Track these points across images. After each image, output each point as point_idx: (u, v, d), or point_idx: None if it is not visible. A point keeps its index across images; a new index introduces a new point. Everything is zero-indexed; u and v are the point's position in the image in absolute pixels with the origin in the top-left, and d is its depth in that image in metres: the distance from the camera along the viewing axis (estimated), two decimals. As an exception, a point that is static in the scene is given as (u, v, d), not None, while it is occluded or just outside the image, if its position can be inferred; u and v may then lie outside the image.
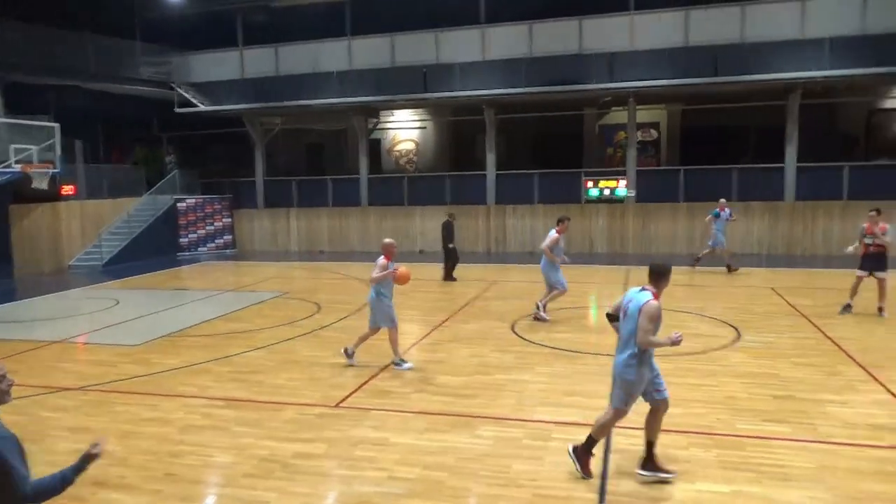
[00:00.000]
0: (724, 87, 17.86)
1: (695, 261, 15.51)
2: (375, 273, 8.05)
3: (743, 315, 10.77)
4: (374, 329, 8.35)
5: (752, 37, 16.89)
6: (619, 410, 5.19)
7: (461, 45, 19.32)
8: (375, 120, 23.13)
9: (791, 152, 17.97)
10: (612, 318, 5.34)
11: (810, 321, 10.29)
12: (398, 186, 21.69)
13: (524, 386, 7.48)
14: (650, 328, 4.84)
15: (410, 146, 24.83)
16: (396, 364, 8.22)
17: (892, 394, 6.97)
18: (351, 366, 8.29)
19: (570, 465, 5.27)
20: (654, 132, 22.75)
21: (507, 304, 12.02)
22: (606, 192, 19.57)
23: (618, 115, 21.33)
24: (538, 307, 10.62)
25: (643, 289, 5.03)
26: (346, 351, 8.44)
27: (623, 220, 19.36)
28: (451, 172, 21.97)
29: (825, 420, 6.28)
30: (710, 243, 15.35)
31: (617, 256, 18.55)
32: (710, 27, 17.24)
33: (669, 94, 19.24)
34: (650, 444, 5.19)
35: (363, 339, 8.46)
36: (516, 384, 7.55)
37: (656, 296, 4.96)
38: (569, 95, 19.17)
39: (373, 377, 7.90)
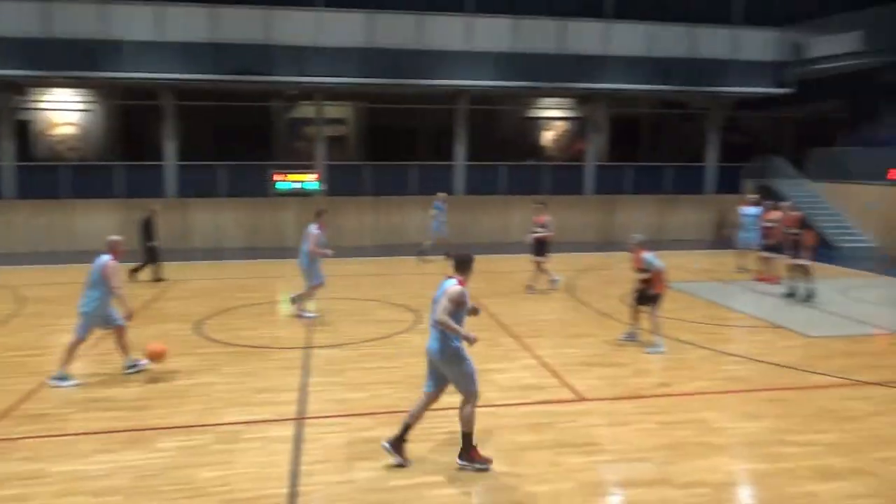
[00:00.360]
0: (403, 89, 19.17)
1: (419, 253, 16.63)
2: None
3: (420, 299, 11.69)
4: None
5: (429, 44, 18.42)
6: (471, 393, 5.30)
7: (134, 21, 17.41)
8: (23, 98, 19.67)
9: (460, 151, 20.09)
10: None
11: (477, 301, 11.61)
12: (55, 176, 18.76)
13: (210, 389, 7.10)
14: (448, 307, 5.12)
15: (71, 130, 21.67)
16: (131, 366, 7.50)
17: (538, 358, 8.27)
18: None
19: (262, 463, 5.19)
20: (342, 127, 23.44)
21: (189, 305, 11.27)
22: (297, 185, 19.56)
23: (307, 109, 21.46)
24: (293, 301, 10.35)
25: (450, 277, 5.38)
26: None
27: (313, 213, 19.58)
28: (123, 162, 19.75)
29: (488, 387, 7.14)
30: (433, 234, 16.64)
31: (308, 250, 18.70)
32: (392, 32, 18.32)
33: (355, 91, 19.99)
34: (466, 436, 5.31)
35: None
36: (201, 388, 7.12)
37: (462, 283, 5.32)
38: (255, 86, 18.67)
39: (22, 401, 6.73)
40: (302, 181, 19.55)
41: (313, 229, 10.31)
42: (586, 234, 20.59)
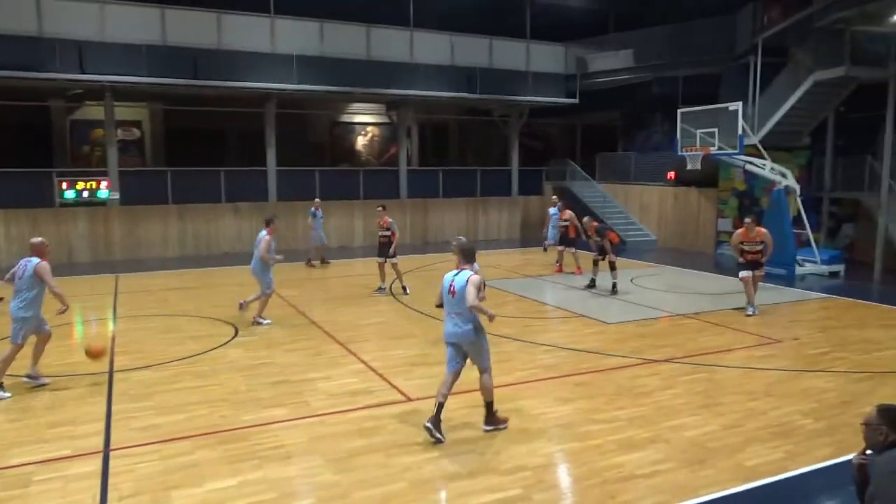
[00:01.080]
0: (204, 91, 18.09)
1: (308, 261, 16.27)
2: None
3: (236, 312, 11.15)
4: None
5: (229, 44, 17.53)
6: (489, 366, 6.14)
7: None
8: None
9: (271, 156, 19.42)
10: (441, 305, 6.19)
11: (297, 310, 11.35)
12: None
13: (-9, 429, 6.16)
14: (474, 293, 5.72)
15: None
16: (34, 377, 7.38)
17: (364, 362, 8.25)
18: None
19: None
20: (136, 131, 21.59)
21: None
22: (86, 194, 17.62)
23: (94, 111, 19.42)
24: (241, 307, 10.34)
25: (461, 270, 6.01)
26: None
27: (107, 224, 17.79)
28: None
29: (315, 396, 7.02)
30: (313, 242, 16.30)
31: (102, 264, 16.92)
32: (188, 29, 17.18)
33: (149, 91, 18.48)
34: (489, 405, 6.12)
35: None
36: (-22, 429, 6.15)
37: (476, 271, 6.02)
38: (25, 83, 16.45)
39: None
40: (92, 189, 17.65)
41: (264, 235, 10.28)
42: (403, 237, 20.94)
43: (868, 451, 3.50)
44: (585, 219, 13.72)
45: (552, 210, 16.19)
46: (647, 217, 21.91)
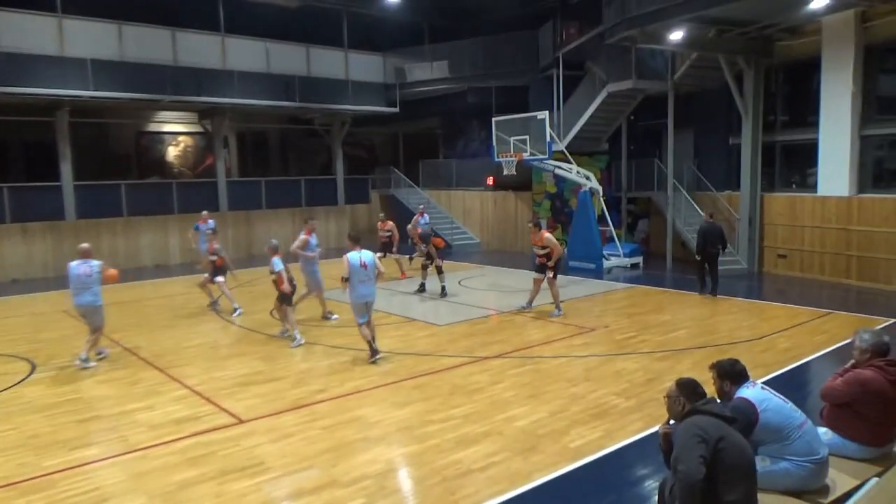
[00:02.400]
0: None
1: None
2: None
3: (33, 345, 9.93)
4: None
5: (8, 46, 15.53)
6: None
7: None
8: None
9: (67, 170, 17.50)
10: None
11: (108, 337, 10.31)
12: None
13: None
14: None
15: None
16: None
17: (188, 387, 7.71)
18: None
19: None
20: None
21: None
22: None
23: None
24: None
25: (360, 250, 8.82)
26: None
27: None
28: None
29: (134, 429, 6.43)
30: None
31: None
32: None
33: None
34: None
35: None
36: None
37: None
38: None
39: None
40: None
41: (302, 235, 11.22)
42: (226, 251, 19.96)
43: (671, 422, 3.91)
44: (408, 226, 14.00)
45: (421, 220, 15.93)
46: (471, 221, 22.84)
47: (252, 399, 7.25)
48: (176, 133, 23.24)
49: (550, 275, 11.17)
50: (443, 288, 13.16)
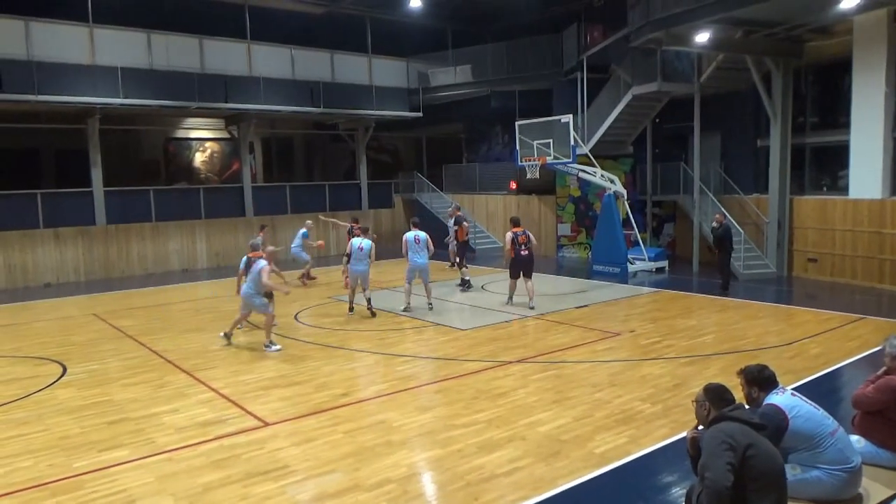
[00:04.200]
0: (12, 106, 16.24)
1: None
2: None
3: (65, 348, 10.12)
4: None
5: (40, 56, 15.90)
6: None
7: None
8: None
9: (97, 176, 17.85)
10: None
11: (136, 340, 10.49)
12: None
13: None
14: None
15: None
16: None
17: (214, 390, 7.79)
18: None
19: None
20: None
21: None
22: None
23: None
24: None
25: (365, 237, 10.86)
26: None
27: None
28: None
29: (161, 432, 6.51)
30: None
31: None
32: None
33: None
34: None
35: None
36: None
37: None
38: None
39: None
40: None
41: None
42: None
43: (700, 427, 3.85)
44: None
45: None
46: (494, 225, 22.79)
47: (276, 402, 7.30)
48: (203, 139, 23.60)
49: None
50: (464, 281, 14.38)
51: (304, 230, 15.91)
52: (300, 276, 15.79)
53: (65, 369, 8.89)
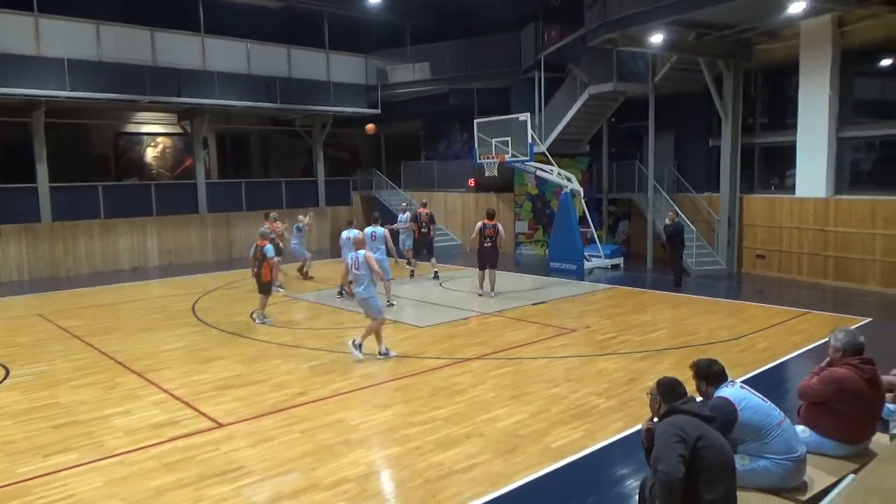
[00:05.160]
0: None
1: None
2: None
3: (8, 349, 9.75)
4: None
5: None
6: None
7: None
8: None
9: (42, 171, 17.23)
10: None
11: (84, 341, 10.18)
12: None
13: None
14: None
15: None
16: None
17: (167, 391, 7.61)
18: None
19: None
20: None
21: None
22: None
23: None
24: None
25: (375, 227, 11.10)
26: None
27: None
28: None
29: (111, 434, 6.33)
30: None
31: None
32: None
33: None
34: None
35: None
36: None
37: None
38: None
39: None
40: None
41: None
42: (205, 253, 19.82)
43: (654, 419, 3.93)
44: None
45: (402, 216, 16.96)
46: (452, 222, 22.83)
47: (231, 403, 7.17)
48: (155, 134, 22.98)
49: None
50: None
51: (297, 224, 15.65)
52: (299, 269, 15.75)
53: (8, 372, 8.57)
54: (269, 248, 10.83)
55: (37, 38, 16.06)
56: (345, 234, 12.49)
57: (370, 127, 14.70)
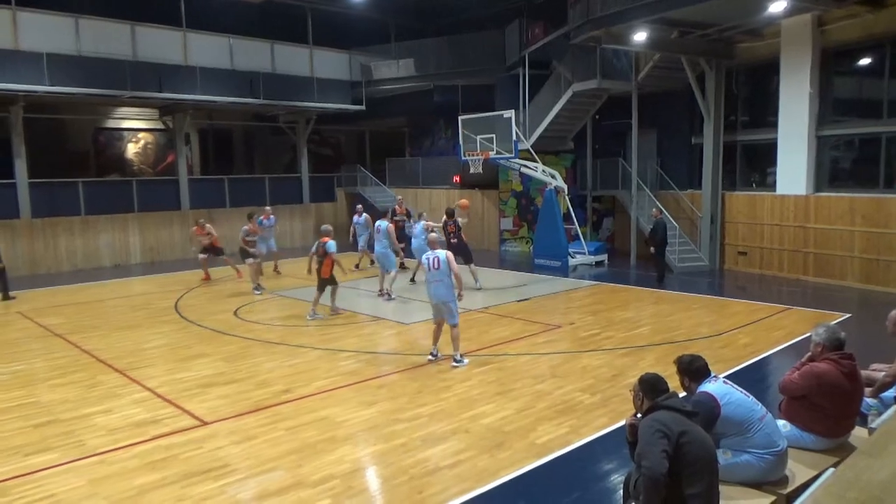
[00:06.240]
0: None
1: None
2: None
3: (-12, 347, 9.62)
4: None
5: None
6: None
7: None
8: None
9: (21, 167, 16.98)
10: None
11: (65, 339, 10.05)
12: None
13: None
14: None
15: None
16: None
17: (149, 389, 7.54)
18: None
19: None
20: None
21: None
22: None
23: None
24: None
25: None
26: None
27: None
28: None
29: (92, 433, 6.26)
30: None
31: None
32: None
33: None
34: None
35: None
36: None
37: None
38: None
39: None
40: None
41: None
42: (188, 250, 19.64)
43: (638, 415, 3.96)
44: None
45: (356, 219, 16.48)
46: (437, 219, 22.76)
47: (215, 400, 7.13)
48: (136, 130, 22.73)
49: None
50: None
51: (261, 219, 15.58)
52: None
53: (-13, 370, 8.45)
54: (331, 244, 10.92)
55: (14, 32, 15.80)
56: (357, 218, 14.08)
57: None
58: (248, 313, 11.72)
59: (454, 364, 8.24)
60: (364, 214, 16.42)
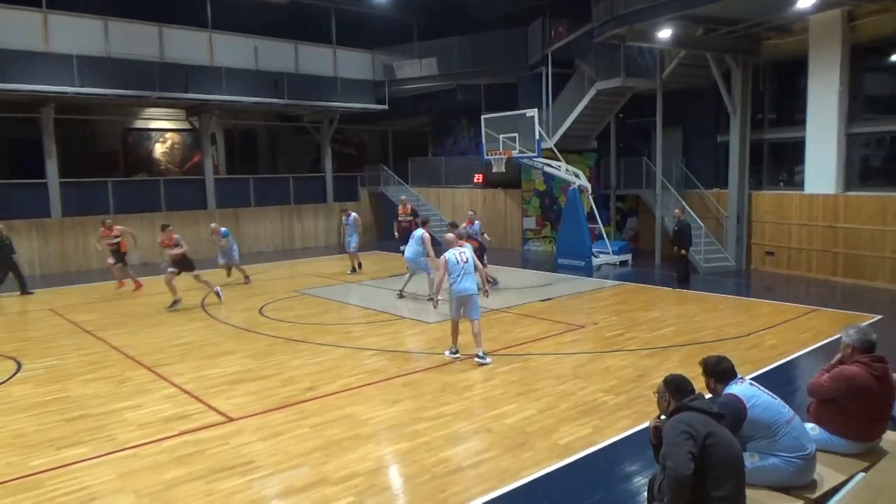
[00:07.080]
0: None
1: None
2: None
3: (20, 343, 9.85)
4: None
5: (-8, 42, 15.36)
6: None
7: None
8: None
9: (52, 167, 17.36)
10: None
11: (95, 335, 10.26)
12: None
13: None
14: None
15: None
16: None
17: (177, 386, 7.67)
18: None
19: None
20: None
21: None
22: None
23: None
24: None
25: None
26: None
27: None
28: None
29: (123, 428, 6.39)
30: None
31: None
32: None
33: None
34: None
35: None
36: None
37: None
38: None
39: None
40: None
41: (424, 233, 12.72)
42: (213, 249, 19.87)
43: (662, 417, 3.94)
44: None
45: (345, 219, 16.48)
46: (460, 218, 22.76)
47: (241, 397, 7.22)
48: (163, 130, 23.10)
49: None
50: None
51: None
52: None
53: (20, 366, 8.66)
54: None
55: (45, 35, 16.15)
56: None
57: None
58: (274, 311, 11.85)
59: (477, 360, 8.25)
60: (353, 214, 16.35)
